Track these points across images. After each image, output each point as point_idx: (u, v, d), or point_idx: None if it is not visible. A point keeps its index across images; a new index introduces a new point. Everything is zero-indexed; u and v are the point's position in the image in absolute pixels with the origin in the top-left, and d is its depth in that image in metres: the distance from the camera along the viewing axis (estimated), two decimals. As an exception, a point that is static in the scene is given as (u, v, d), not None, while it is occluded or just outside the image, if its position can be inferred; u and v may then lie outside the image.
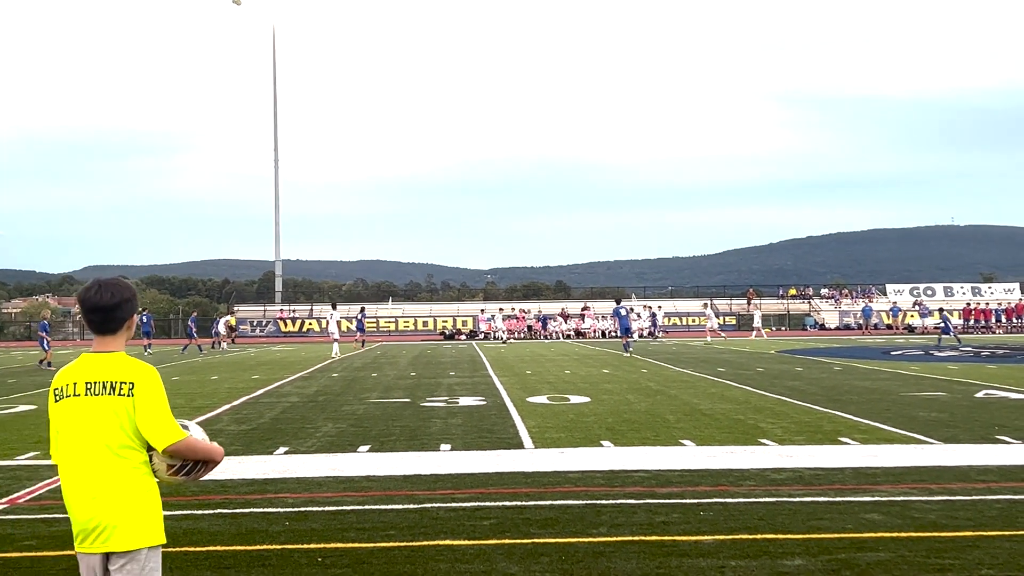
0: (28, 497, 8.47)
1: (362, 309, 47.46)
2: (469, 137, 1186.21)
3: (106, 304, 3.69)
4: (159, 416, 3.65)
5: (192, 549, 6.54)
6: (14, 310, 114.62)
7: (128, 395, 3.62)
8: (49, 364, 28.85)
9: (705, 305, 53.93)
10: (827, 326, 63.12)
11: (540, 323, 57.32)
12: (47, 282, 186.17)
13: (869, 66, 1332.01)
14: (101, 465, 3.61)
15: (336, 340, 35.05)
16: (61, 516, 7.66)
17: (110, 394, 3.62)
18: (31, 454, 10.95)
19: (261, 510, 7.82)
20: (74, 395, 3.64)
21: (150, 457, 3.73)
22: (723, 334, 47.51)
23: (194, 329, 42.19)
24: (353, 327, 47.32)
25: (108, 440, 3.61)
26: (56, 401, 3.70)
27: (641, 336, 52.89)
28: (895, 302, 63.08)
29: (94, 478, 3.61)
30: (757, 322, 51.22)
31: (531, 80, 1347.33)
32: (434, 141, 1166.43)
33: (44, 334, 32.10)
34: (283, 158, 75.28)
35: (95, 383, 3.64)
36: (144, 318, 42.58)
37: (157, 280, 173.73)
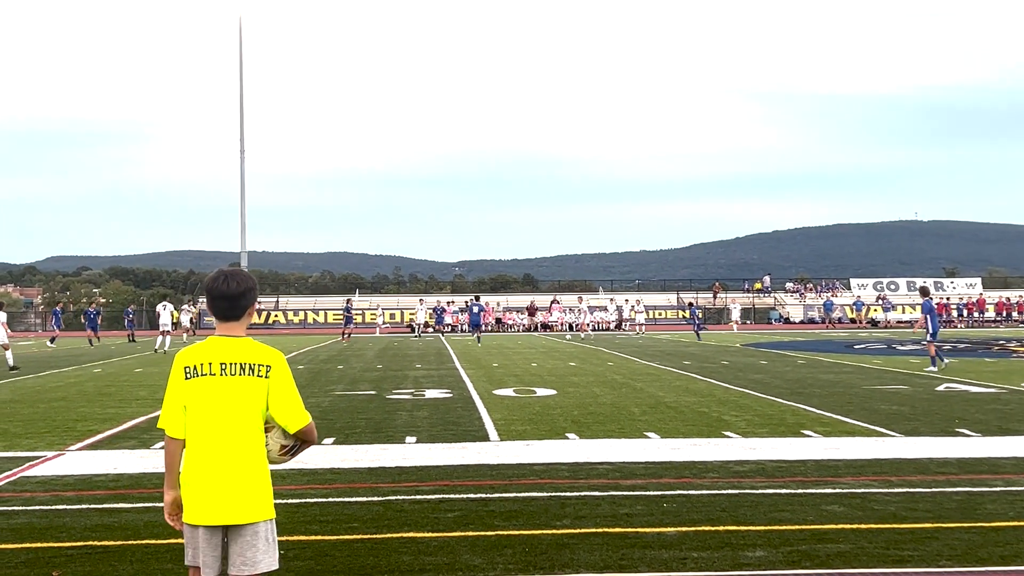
0: (-14, 490, 8.36)
1: (348, 300, 46.31)
2: (438, 130, 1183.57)
3: (233, 292, 3.99)
4: (294, 399, 3.98)
5: (154, 542, 6.48)
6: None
7: (265, 376, 3.91)
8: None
9: (611, 300, 54.41)
10: (792, 320, 63.64)
11: (434, 315, 52.80)
12: (9, 272, 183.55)
13: (834, 62, 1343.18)
14: (234, 442, 3.84)
15: (166, 333, 32.97)
16: (20, 509, 7.57)
17: (248, 375, 3.89)
18: (-10, 446, 10.80)
19: (224, 503, 7.75)
20: (209, 374, 3.87)
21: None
22: (591, 331, 47.11)
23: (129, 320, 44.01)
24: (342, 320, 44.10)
25: (242, 419, 3.86)
26: (187, 379, 3.89)
27: (608, 329, 53.13)
28: (859, 296, 63.72)
29: (227, 454, 3.82)
30: (736, 315, 51.55)
31: (500, 73, 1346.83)
32: (402, 133, 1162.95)
33: None
34: (249, 148, 74.67)
35: (231, 364, 3.89)
36: (93, 313, 42.46)
37: (121, 271, 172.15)
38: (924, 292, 22.20)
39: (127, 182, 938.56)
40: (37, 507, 7.64)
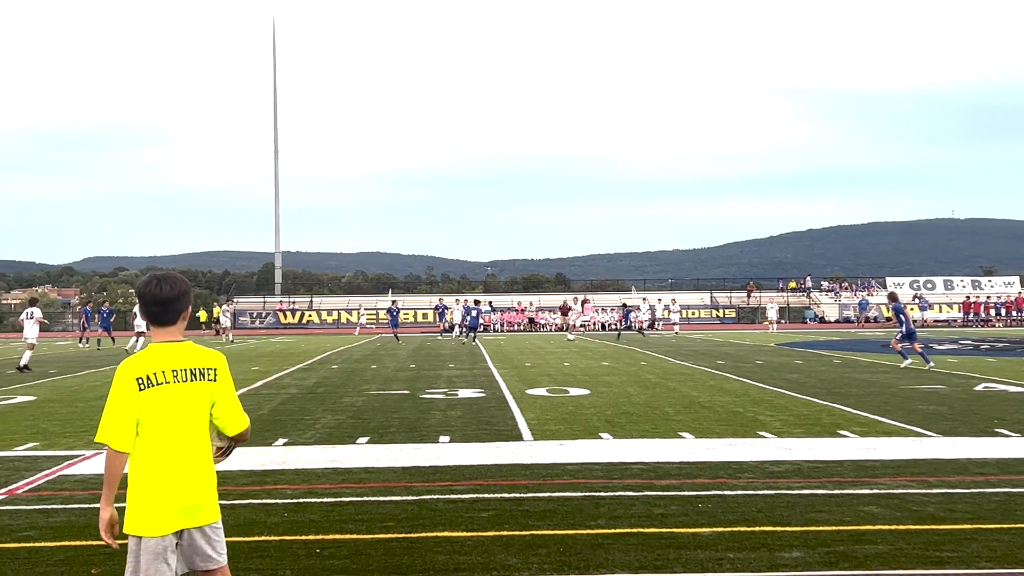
0: (26, 488, 8.47)
1: (393, 302, 45.84)
2: (470, 129, 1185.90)
3: (166, 297, 3.89)
4: (235, 402, 3.97)
5: (190, 540, 6.52)
6: (14, 301, 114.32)
7: (213, 380, 3.89)
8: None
9: (644, 300, 54.25)
10: (827, 319, 63.13)
11: (438, 313, 50.89)
12: (47, 273, 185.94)
13: (869, 59, 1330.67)
14: (194, 447, 3.82)
15: (141, 335, 33.63)
16: (59, 507, 7.66)
17: (199, 380, 3.85)
18: (30, 445, 10.95)
19: (259, 501, 7.82)
20: (164, 383, 3.78)
21: None
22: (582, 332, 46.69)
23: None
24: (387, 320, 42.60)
25: (198, 424, 3.85)
26: (141, 390, 3.75)
27: (639, 329, 52.97)
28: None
29: (191, 460, 3.80)
30: (772, 315, 51.13)
31: (531, 73, 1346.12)
32: (435, 133, 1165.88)
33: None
34: (283, 150, 75.41)
35: (182, 370, 3.82)
36: (106, 312, 42.61)
37: (157, 272, 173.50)
38: (892, 298, 23.22)
39: (163, 183, 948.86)
40: (76, 505, 7.73)
